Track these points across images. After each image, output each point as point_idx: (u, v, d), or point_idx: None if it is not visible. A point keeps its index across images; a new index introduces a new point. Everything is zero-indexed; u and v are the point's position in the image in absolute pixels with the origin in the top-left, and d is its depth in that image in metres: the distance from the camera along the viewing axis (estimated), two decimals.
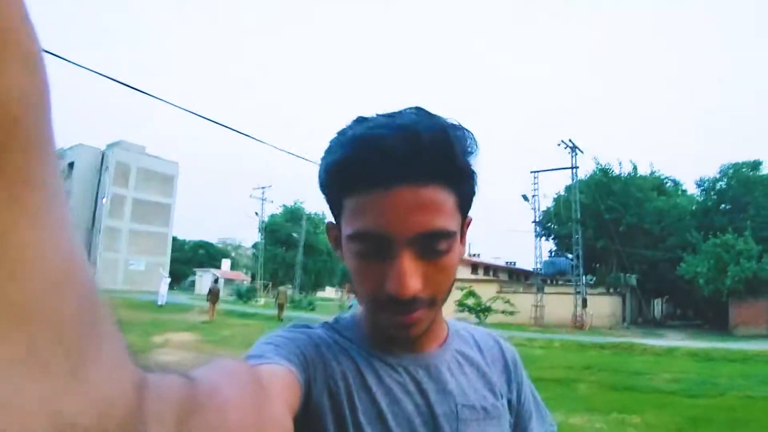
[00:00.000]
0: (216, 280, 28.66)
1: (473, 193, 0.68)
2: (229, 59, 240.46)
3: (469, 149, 0.65)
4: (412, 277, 0.60)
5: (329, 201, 0.68)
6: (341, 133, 0.65)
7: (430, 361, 0.74)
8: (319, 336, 0.72)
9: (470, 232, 0.74)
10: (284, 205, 55.81)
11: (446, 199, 0.62)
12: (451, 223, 0.63)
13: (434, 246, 0.62)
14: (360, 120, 0.66)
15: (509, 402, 0.80)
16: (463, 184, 0.65)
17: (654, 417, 7.04)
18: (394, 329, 0.66)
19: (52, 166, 0.19)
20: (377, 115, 0.66)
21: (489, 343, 0.85)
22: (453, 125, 0.64)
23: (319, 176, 0.67)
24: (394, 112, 0.65)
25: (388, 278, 0.61)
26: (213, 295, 20.94)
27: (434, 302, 0.66)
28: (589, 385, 9.63)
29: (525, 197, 32.53)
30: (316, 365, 0.66)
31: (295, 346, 0.66)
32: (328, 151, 0.65)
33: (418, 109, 0.66)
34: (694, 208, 36.87)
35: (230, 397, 0.34)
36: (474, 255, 46.17)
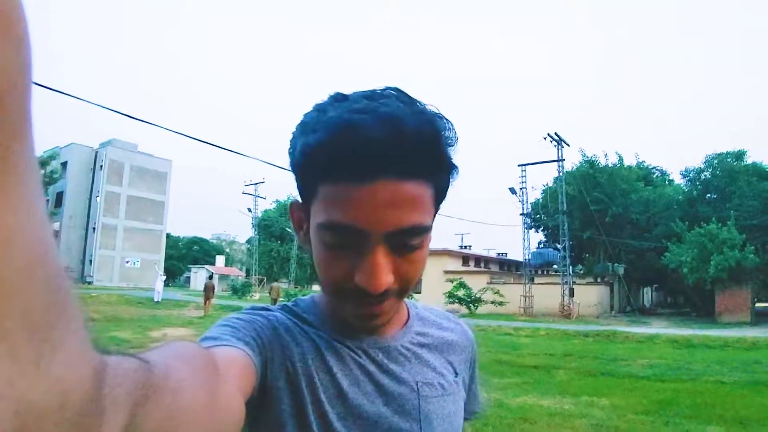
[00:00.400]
0: (211, 276, 28.77)
1: (450, 185, 0.66)
2: (217, 65, 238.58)
3: (450, 141, 0.62)
4: (384, 273, 0.59)
5: (301, 182, 0.64)
6: (320, 110, 0.61)
7: (390, 344, 0.74)
8: (277, 319, 0.71)
9: (464, 226, 0.87)
10: (277, 200, 55.97)
11: (425, 193, 0.60)
12: (428, 218, 0.62)
13: (409, 241, 0.61)
14: (339, 98, 0.62)
15: (463, 380, 0.82)
16: (442, 178, 0.63)
17: (622, 400, 7.35)
18: (359, 319, 0.66)
19: (28, 147, 0.19)
20: (357, 93, 0.62)
21: (450, 325, 0.85)
22: (436, 115, 0.62)
23: (292, 154, 0.63)
24: (375, 93, 0.61)
25: (360, 271, 0.60)
26: (208, 291, 21.03)
27: (403, 292, 0.66)
28: (567, 371, 9.95)
29: (512, 190, 32.68)
30: (273, 348, 0.65)
31: (252, 328, 0.65)
32: (305, 129, 0.61)
33: (399, 92, 0.62)
34: (680, 197, 36.89)
35: (183, 379, 0.34)
36: (466, 247, 46.60)
